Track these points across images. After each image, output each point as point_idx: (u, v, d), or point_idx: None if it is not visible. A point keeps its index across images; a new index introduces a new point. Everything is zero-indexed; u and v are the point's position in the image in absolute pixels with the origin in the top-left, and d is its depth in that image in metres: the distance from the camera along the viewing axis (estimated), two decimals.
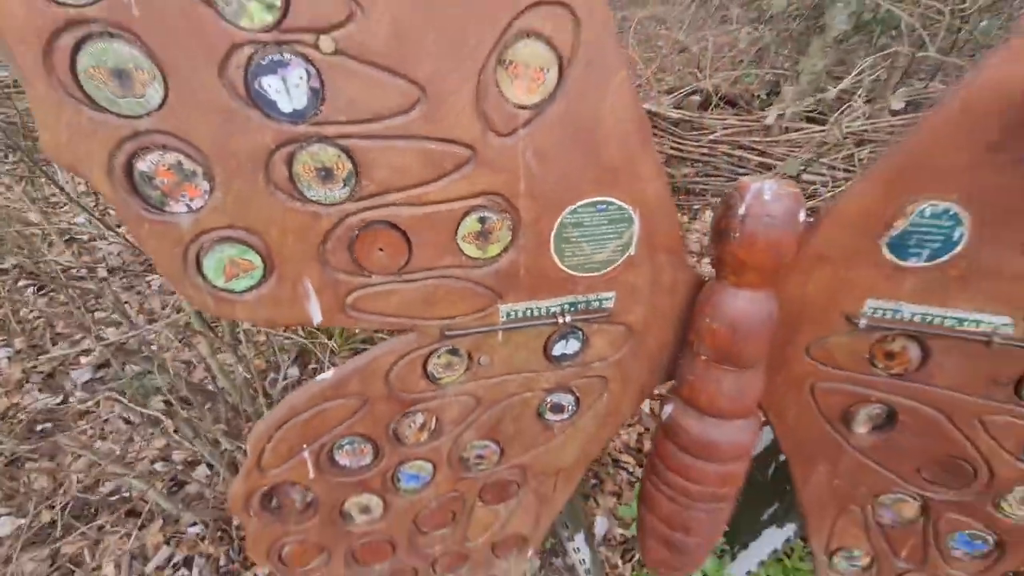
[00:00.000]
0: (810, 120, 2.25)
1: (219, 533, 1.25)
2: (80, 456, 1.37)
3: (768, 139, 2.17)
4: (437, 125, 0.54)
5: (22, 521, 1.23)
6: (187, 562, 1.21)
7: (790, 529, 1.03)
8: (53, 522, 1.23)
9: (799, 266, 0.69)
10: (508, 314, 0.69)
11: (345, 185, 0.55)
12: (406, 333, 0.68)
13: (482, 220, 0.61)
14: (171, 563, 1.20)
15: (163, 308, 1.91)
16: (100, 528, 1.25)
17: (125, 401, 1.26)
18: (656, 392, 0.90)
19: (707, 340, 0.71)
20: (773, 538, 1.05)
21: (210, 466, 1.36)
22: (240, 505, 0.75)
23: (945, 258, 0.64)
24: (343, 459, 0.76)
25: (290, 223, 0.57)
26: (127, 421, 1.48)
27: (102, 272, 2.07)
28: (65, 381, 1.67)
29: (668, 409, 0.80)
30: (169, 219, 0.53)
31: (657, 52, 3.85)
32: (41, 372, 1.62)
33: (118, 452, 1.38)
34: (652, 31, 3.49)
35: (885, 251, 0.66)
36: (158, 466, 1.38)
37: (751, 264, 0.65)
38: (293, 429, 0.70)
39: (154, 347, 1.76)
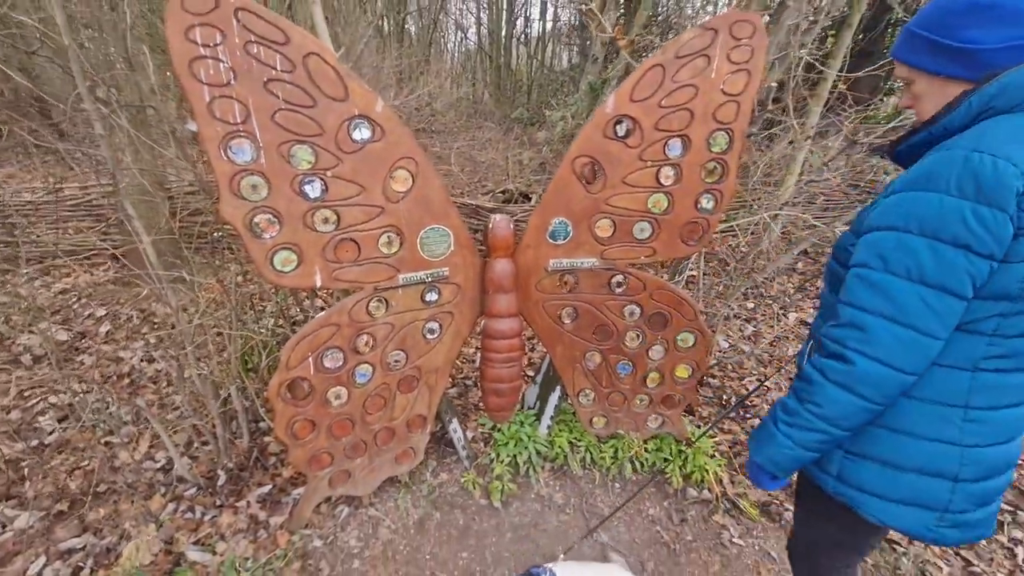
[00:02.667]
0: None
1: (209, 489, 1.74)
2: (75, 469, 1.76)
3: None
4: (368, 199, 1.44)
5: (40, 513, 1.60)
6: (190, 508, 1.68)
7: (559, 391, 1.97)
8: (71, 506, 1.62)
9: (521, 250, 1.69)
10: (403, 279, 1.56)
11: (334, 224, 1.41)
12: (358, 291, 1.51)
13: (388, 237, 1.50)
14: (178, 511, 1.66)
15: (103, 378, 2.30)
16: (114, 502, 1.66)
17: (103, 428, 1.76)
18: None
19: (489, 283, 1.66)
20: (553, 398, 1.97)
21: (192, 458, 1.86)
22: (275, 392, 1.45)
23: (568, 239, 1.70)
24: (327, 363, 1.51)
25: (311, 241, 1.39)
26: (109, 444, 1.88)
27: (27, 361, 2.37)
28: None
29: (483, 321, 1.72)
30: (262, 241, 1.33)
31: (479, 166, 5.27)
32: (4, 431, 1.93)
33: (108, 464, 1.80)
34: (470, 153, 4.95)
35: (548, 240, 1.70)
36: (146, 464, 1.83)
37: (497, 247, 1.63)
38: (304, 343, 1.46)
39: (108, 399, 2.17)
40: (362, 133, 1.37)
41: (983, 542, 1.78)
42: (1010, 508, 1.87)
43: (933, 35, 0.81)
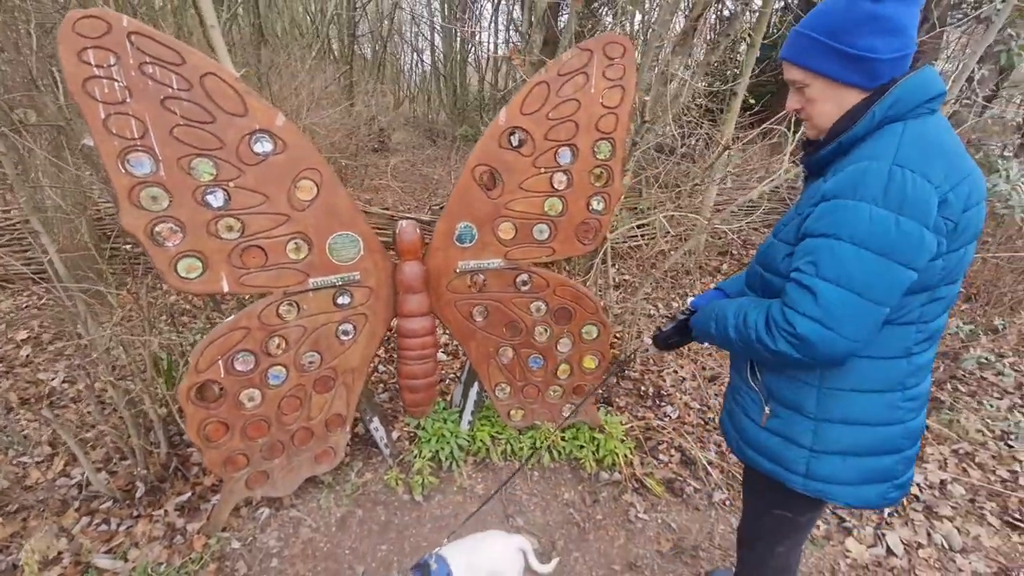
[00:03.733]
0: None
1: (127, 501, 1.74)
2: None
3: None
4: (273, 208, 1.53)
5: None
6: (105, 521, 1.68)
7: (477, 387, 2.07)
8: None
9: (431, 253, 1.80)
10: (313, 283, 1.65)
11: (239, 232, 1.49)
12: (267, 295, 1.58)
13: (296, 243, 1.59)
14: (92, 524, 1.66)
15: (20, 400, 2.25)
16: (23, 519, 1.63)
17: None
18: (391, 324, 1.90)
19: (400, 284, 1.76)
20: (472, 394, 2.07)
21: (111, 473, 1.85)
22: (184, 395, 1.49)
23: (474, 242, 1.82)
24: (239, 365, 1.57)
25: (215, 248, 1.47)
26: (21, 464, 1.85)
27: None
28: None
29: (395, 321, 1.82)
30: (165, 249, 1.40)
31: (430, 182, 5.41)
32: None
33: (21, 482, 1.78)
34: (423, 170, 5.10)
35: (456, 243, 1.82)
36: (60, 481, 1.81)
37: (405, 251, 1.74)
38: (213, 347, 1.52)
39: (21, 420, 2.13)
40: (263, 146, 1.47)
41: None
42: None
43: (832, 41, 0.83)
